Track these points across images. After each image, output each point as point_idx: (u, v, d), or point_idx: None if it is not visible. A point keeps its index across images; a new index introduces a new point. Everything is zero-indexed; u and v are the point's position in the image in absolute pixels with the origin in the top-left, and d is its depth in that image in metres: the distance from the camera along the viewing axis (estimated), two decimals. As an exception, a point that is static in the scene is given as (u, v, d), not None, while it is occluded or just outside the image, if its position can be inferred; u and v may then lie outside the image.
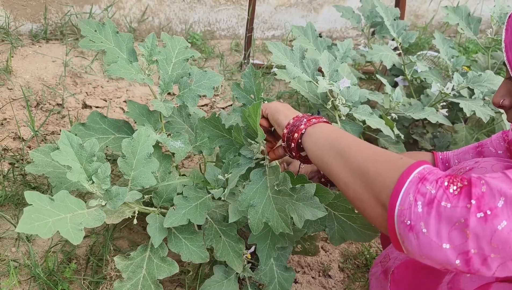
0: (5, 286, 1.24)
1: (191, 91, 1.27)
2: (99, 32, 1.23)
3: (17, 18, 2.26)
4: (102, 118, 1.29)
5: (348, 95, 1.31)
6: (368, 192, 0.75)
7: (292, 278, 1.24)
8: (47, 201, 0.90)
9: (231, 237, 1.16)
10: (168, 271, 1.10)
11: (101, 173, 1.01)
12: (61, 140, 1.00)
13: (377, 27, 2.01)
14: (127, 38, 1.26)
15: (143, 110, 1.31)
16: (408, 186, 0.68)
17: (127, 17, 2.46)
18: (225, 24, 2.70)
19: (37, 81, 2.01)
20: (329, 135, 0.88)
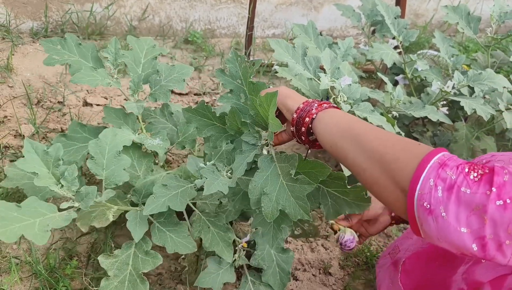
0: (7, 282, 1.25)
1: (161, 87, 1.31)
2: (62, 48, 1.28)
3: (18, 16, 2.27)
4: (82, 127, 1.32)
5: (350, 93, 1.31)
6: (386, 177, 0.76)
7: (291, 259, 1.24)
8: (14, 209, 0.96)
9: (219, 227, 1.16)
10: (152, 264, 1.11)
11: (69, 175, 1.03)
12: (25, 149, 1.02)
13: (378, 26, 2.01)
14: (91, 48, 1.31)
15: (119, 113, 1.34)
16: (429, 171, 0.70)
17: (128, 15, 2.46)
18: (225, 22, 2.70)
19: (37, 79, 2.01)
20: (342, 120, 0.88)
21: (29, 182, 1.23)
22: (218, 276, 1.19)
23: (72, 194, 1.03)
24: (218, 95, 2.21)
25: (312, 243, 1.52)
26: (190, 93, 2.19)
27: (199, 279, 1.18)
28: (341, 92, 1.26)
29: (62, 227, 1.41)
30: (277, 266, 1.23)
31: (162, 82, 1.31)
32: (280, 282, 1.23)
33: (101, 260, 1.10)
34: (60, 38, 1.28)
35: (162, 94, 1.30)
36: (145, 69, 1.32)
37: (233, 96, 1.02)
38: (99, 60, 1.30)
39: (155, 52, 1.33)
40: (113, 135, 1.14)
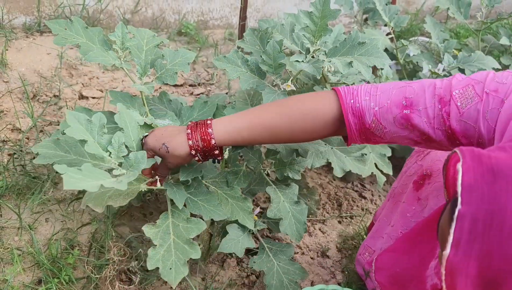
0: (10, 273, 1.26)
1: (167, 70, 1.33)
2: (69, 30, 1.26)
3: (10, 11, 2.26)
4: (87, 112, 1.30)
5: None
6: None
7: (305, 211, 1.30)
8: (77, 171, 0.93)
9: (237, 199, 1.23)
10: (197, 230, 1.13)
11: (115, 142, 1.03)
12: (69, 119, 1.01)
13: (370, 13, 2.03)
14: (97, 32, 1.30)
15: (126, 97, 1.34)
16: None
17: (121, 8, 2.47)
18: (218, 13, 2.71)
19: (32, 73, 2.01)
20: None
21: (62, 159, 1.23)
22: (238, 243, 1.26)
23: (120, 161, 1.04)
24: (212, 85, 2.22)
25: (309, 227, 1.55)
26: (185, 84, 2.20)
27: (221, 246, 1.24)
28: (329, 64, 1.25)
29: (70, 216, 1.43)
30: (292, 217, 1.29)
31: (168, 66, 1.34)
32: (297, 233, 1.28)
33: (146, 230, 1.12)
34: (66, 20, 1.26)
35: (169, 76, 1.32)
36: (147, 55, 1.34)
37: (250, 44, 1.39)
38: (106, 44, 1.30)
39: (156, 41, 1.36)
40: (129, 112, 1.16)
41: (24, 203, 1.46)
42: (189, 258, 1.08)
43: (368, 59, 1.21)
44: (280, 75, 1.29)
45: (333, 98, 1.03)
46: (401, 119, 0.96)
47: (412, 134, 0.97)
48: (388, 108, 0.97)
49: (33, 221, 1.41)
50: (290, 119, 1.04)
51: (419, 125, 0.94)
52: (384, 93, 0.98)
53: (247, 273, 1.38)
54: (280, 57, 1.27)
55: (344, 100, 1.01)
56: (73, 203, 1.49)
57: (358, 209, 1.72)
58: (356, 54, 1.23)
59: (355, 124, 1.01)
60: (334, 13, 1.20)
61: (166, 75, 1.32)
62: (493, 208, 0.56)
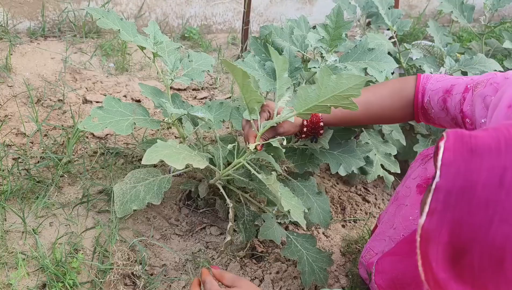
0: (14, 277, 1.27)
1: (194, 69, 1.41)
2: (106, 18, 1.30)
3: (15, 16, 2.28)
4: (117, 102, 1.35)
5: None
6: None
7: (327, 200, 1.40)
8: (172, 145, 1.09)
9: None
10: None
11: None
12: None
13: (373, 17, 2.03)
14: (131, 25, 1.35)
15: (154, 90, 1.40)
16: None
17: (124, 13, 2.48)
18: (221, 18, 2.72)
19: (36, 78, 2.02)
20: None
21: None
22: (274, 231, 1.36)
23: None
24: (216, 90, 2.23)
25: (313, 232, 1.55)
26: (188, 88, 2.21)
27: (261, 233, 1.34)
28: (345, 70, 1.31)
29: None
30: (318, 207, 1.38)
31: (194, 65, 1.42)
32: (324, 220, 1.38)
33: None
34: (103, 10, 1.31)
35: (196, 74, 1.40)
36: (170, 55, 1.40)
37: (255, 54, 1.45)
38: (139, 37, 1.34)
39: (175, 45, 1.43)
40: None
41: (29, 207, 1.46)
42: None
43: (378, 64, 1.30)
44: (296, 78, 1.34)
45: (414, 81, 1.21)
46: (441, 101, 1.13)
47: (447, 117, 1.14)
48: (437, 91, 1.14)
49: (37, 225, 1.41)
50: (382, 96, 1.20)
51: (450, 109, 1.12)
52: (444, 81, 1.15)
53: (251, 277, 1.38)
54: (296, 62, 1.35)
55: (420, 82, 1.19)
56: (77, 207, 1.50)
57: (362, 213, 1.72)
58: (366, 59, 1.31)
59: (418, 102, 1.19)
60: (347, 24, 1.32)
61: (193, 73, 1.40)
62: (466, 184, 0.61)
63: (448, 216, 0.62)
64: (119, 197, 1.27)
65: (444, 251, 0.63)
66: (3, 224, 1.39)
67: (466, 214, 0.61)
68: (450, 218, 0.62)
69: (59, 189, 1.55)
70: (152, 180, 1.30)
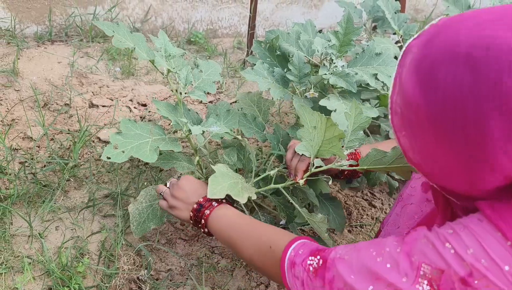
0: (20, 282, 1.27)
1: (204, 80, 1.36)
2: (117, 32, 1.25)
3: (22, 21, 2.29)
4: (133, 124, 1.29)
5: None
6: (269, 276, 1.00)
7: (340, 204, 1.42)
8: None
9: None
10: None
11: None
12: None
13: (379, 22, 2.03)
14: (140, 37, 1.29)
15: (169, 107, 1.35)
16: (288, 274, 0.89)
17: (131, 17, 2.49)
18: (227, 22, 2.73)
19: (43, 82, 2.03)
20: (224, 228, 1.08)
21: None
22: None
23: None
24: (222, 94, 2.23)
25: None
26: (194, 93, 2.21)
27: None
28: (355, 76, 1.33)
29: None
30: (333, 213, 1.40)
31: (204, 76, 1.38)
32: (340, 225, 1.40)
33: None
34: (112, 23, 1.26)
35: (208, 85, 1.36)
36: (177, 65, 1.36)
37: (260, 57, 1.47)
38: (151, 50, 1.30)
39: (179, 51, 1.38)
40: None
41: (35, 211, 1.47)
42: None
43: (386, 68, 1.27)
44: (305, 84, 1.33)
45: None
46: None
47: None
48: None
49: (43, 229, 1.41)
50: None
51: None
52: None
53: (257, 282, 1.38)
54: (305, 68, 1.35)
55: None
56: (83, 211, 1.50)
57: (368, 218, 1.71)
58: (375, 64, 1.29)
59: None
60: (357, 30, 1.32)
61: (204, 84, 1.36)
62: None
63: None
64: (136, 217, 1.27)
65: (413, 67, 0.67)
66: (10, 228, 1.40)
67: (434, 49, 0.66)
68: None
69: (65, 193, 1.56)
70: None
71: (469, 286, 0.66)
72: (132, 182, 1.63)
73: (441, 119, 0.64)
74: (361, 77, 1.29)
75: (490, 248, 0.65)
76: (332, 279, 0.79)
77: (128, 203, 1.55)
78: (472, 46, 0.61)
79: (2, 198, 1.47)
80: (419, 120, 0.67)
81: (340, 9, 2.07)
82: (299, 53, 1.35)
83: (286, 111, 2.17)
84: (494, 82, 0.59)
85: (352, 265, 0.77)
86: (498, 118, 0.60)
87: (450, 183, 0.72)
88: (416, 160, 0.74)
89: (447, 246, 0.68)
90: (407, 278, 0.70)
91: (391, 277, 0.71)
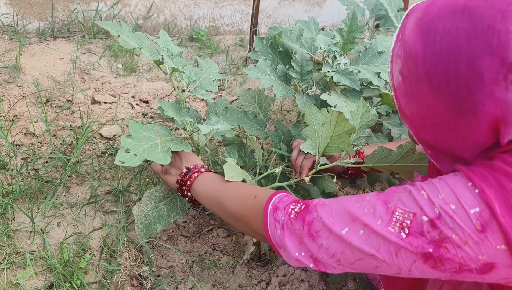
0: (22, 277, 1.27)
1: (205, 79, 1.35)
2: (120, 33, 1.23)
3: (25, 17, 2.29)
4: (140, 126, 1.26)
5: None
6: (250, 230, 1.00)
7: None
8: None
9: None
10: None
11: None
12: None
13: (382, 20, 2.03)
14: (143, 37, 1.27)
15: (173, 106, 1.33)
16: (269, 218, 0.91)
17: (133, 14, 2.49)
18: (229, 19, 2.72)
19: (45, 78, 2.03)
20: (209, 188, 1.11)
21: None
22: None
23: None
24: (223, 91, 2.23)
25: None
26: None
27: None
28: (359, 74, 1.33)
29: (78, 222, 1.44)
30: None
31: (204, 75, 1.37)
32: None
33: None
34: (117, 24, 1.24)
35: (209, 84, 1.35)
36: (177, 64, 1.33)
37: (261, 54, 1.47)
38: (153, 50, 1.28)
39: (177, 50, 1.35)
40: None
41: (37, 207, 1.47)
42: None
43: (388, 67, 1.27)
44: (307, 81, 1.33)
45: None
46: None
47: None
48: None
49: (45, 225, 1.42)
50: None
51: None
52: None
53: (258, 280, 1.38)
54: (308, 65, 1.35)
55: None
56: (85, 207, 1.50)
57: (369, 216, 1.71)
58: (377, 62, 1.29)
59: None
60: (361, 28, 1.32)
61: (206, 83, 1.35)
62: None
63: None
64: (141, 220, 1.25)
65: (416, 28, 0.73)
66: (12, 223, 1.40)
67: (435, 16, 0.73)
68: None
69: (67, 189, 1.56)
70: (173, 197, 1.28)
71: (437, 228, 0.70)
72: (134, 178, 1.63)
73: (436, 67, 0.70)
74: (364, 75, 1.29)
75: (459, 194, 0.70)
76: (312, 221, 0.83)
77: (130, 199, 1.56)
78: (470, 0, 0.68)
79: (4, 194, 1.48)
80: (417, 69, 0.72)
81: (342, 7, 2.07)
82: (302, 50, 1.35)
83: (288, 108, 2.17)
84: (487, 26, 0.66)
85: (332, 209, 0.82)
86: (490, 59, 0.66)
87: (440, 139, 0.78)
88: (410, 114, 0.79)
89: (421, 193, 0.73)
90: (382, 221, 0.75)
91: (367, 219, 0.76)
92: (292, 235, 0.86)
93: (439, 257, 0.70)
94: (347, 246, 0.78)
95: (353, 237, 0.77)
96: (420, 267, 0.73)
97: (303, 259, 0.86)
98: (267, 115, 1.52)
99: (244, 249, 1.45)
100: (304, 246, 0.84)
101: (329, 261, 0.82)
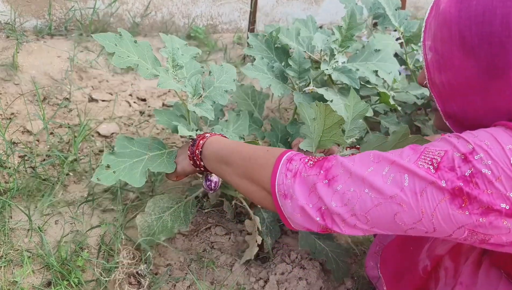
0: (19, 275, 1.27)
1: (216, 88, 1.27)
2: (120, 46, 1.15)
3: (22, 14, 2.28)
4: (129, 140, 1.22)
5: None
6: (255, 184, 0.94)
7: None
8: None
9: None
10: None
11: None
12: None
13: (380, 18, 2.03)
14: (146, 47, 1.20)
15: (171, 114, 1.29)
16: (281, 167, 0.87)
17: (131, 12, 2.48)
18: (227, 17, 2.72)
19: (43, 76, 2.03)
20: (217, 148, 1.09)
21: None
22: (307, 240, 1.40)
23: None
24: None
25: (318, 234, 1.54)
26: (194, 88, 2.21)
27: (301, 245, 1.39)
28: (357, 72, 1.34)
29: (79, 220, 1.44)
30: None
31: (215, 84, 1.27)
32: None
33: None
34: (115, 34, 1.17)
35: (219, 95, 1.25)
36: (188, 70, 1.26)
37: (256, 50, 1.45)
38: (157, 60, 1.20)
39: (190, 52, 1.28)
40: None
41: (34, 205, 1.47)
42: None
43: (385, 65, 1.29)
44: (305, 79, 1.33)
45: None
46: None
47: None
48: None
49: (43, 223, 1.41)
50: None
51: None
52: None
53: (256, 278, 1.38)
54: (306, 63, 1.35)
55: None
56: (83, 205, 1.50)
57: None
58: (374, 60, 1.30)
59: None
60: (360, 26, 1.33)
61: (216, 94, 1.25)
62: None
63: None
64: (144, 230, 1.24)
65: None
66: (9, 221, 1.40)
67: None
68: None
69: (64, 187, 1.56)
70: (177, 207, 1.28)
71: (469, 162, 0.68)
72: (132, 176, 1.62)
73: (471, 29, 0.71)
74: (362, 74, 1.29)
75: (496, 134, 0.69)
76: (330, 167, 0.81)
77: (127, 197, 1.55)
78: None
79: (1, 192, 1.47)
80: (450, 34, 0.74)
81: (340, 6, 2.07)
82: (299, 48, 1.35)
83: (286, 106, 2.17)
84: None
85: (355, 157, 0.81)
86: None
87: (468, 107, 0.77)
88: (439, 82, 0.79)
89: (454, 136, 0.73)
90: (409, 159, 0.73)
91: (394, 157, 0.75)
92: (303, 183, 0.83)
93: (467, 193, 0.67)
94: (368, 188, 0.75)
95: (377, 177, 0.74)
96: (445, 209, 0.68)
97: (310, 210, 0.81)
98: (262, 112, 1.52)
99: (244, 249, 1.45)
100: (314, 197, 0.81)
101: (340, 210, 0.78)
